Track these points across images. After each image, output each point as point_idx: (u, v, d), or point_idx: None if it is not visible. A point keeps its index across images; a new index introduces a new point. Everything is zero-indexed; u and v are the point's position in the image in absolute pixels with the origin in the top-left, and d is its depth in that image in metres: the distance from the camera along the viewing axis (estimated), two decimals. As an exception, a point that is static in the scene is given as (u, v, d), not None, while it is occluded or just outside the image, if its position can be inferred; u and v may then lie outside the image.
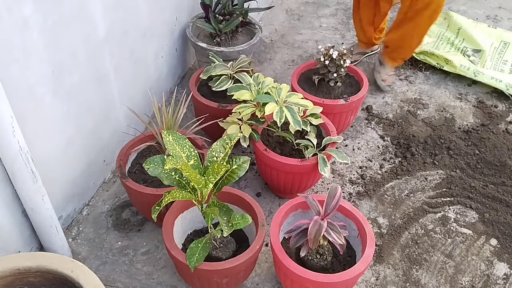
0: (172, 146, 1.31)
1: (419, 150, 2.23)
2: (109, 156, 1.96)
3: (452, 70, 2.69)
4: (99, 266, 1.70)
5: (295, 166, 1.74)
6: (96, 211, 1.89)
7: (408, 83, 2.69)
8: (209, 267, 1.39)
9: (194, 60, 2.67)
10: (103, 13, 1.68)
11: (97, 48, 1.71)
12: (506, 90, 2.57)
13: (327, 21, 3.24)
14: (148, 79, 2.17)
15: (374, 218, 1.93)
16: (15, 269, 1.23)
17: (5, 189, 1.44)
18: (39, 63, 1.43)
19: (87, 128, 1.78)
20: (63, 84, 1.57)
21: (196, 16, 2.45)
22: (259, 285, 1.68)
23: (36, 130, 1.50)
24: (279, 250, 1.45)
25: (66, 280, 1.22)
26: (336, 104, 2.04)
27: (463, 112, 2.50)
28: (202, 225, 1.67)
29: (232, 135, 1.36)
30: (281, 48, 2.94)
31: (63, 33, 1.51)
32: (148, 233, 1.82)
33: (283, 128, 1.85)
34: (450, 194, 2.04)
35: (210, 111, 1.95)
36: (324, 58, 2.07)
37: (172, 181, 1.33)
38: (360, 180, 2.09)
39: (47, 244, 1.62)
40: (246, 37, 2.48)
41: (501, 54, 2.80)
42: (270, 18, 3.22)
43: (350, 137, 2.32)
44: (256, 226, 1.51)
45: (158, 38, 2.18)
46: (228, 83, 1.94)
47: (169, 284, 1.67)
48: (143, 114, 2.02)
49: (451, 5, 3.42)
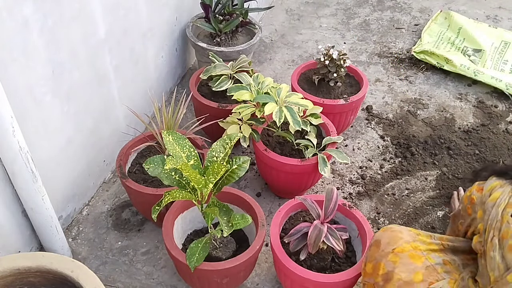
0: (172, 146, 1.31)
1: (419, 150, 2.23)
2: (109, 156, 1.96)
3: (452, 69, 2.69)
4: (99, 266, 1.70)
5: (295, 166, 1.74)
6: (96, 211, 1.89)
7: (408, 83, 2.69)
8: (209, 267, 1.39)
9: (194, 60, 2.67)
10: (103, 13, 1.68)
11: (97, 48, 1.71)
12: (506, 90, 2.57)
13: (327, 21, 3.24)
14: (148, 79, 2.17)
15: (374, 218, 1.93)
16: (15, 269, 1.23)
17: (5, 189, 1.44)
18: (39, 63, 1.43)
19: (87, 128, 1.78)
20: (63, 84, 1.57)
21: (196, 16, 2.45)
22: (259, 285, 1.68)
23: (36, 130, 1.50)
24: (279, 250, 1.45)
25: (66, 280, 1.22)
26: (336, 104, 2.04)
27: (463, 112, 2.50)
28: (202, 225, 1.67)
29: (232, 135, 1.36)
30: (281, 48, 2.94)
31: (63, 33, 1.51)
32: (148, 233, 1.82)
33: (283, 128, 1.85)
34: (450, 194, 2.04)
35: (210, 111, 1.95)
36: (324, 58, 2.07)
37: (172, 181, 1.33)
38: (360, 180, 2.09)
39: (47, 244, 1.62)
40: (246, 37, 2.49)
41: (501, 54, 2.80)
42: (270, 18, 3.22)
43: (350, 137, 2.32)
44: (256, 226, 1.51)
45: (158, 38, 2.18)
46: (228, 83, 1.94)
47: (169, 284, 1.67)
48: (143, 114, 2.02)
49: (451, 5, 3.43)
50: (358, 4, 3.44)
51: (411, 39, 3.07)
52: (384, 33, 3.13)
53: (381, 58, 2.89)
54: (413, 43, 3.01)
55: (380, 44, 3.02)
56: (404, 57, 2.89)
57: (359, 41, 3.04)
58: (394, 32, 3.14)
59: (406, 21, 3.27)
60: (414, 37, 3.08)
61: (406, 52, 2.93)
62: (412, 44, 3.00)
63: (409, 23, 3.24)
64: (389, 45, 3.01)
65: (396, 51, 2.94)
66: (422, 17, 3.31)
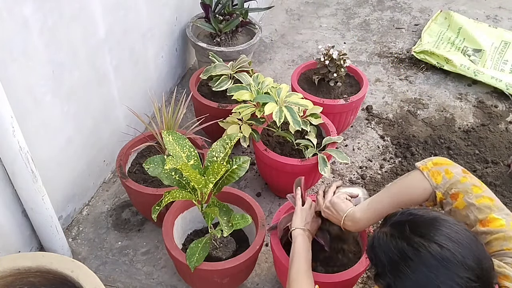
0: (172, 146, 1.31)
1: (419, 150, 2.23)
2: (109, 156, 1.96)
3: (452, 69, 2.69)
4: (99, 266, 1.70)
5: (295, 166, 1.74)
6: (96, 211, 1.89)
7: (408, 83, 2.69)
8: (209, 267, 1.39)
9: (194, 60, 2.67)
10: (103, 13, 1.68)
11: (97, 48, 1.71)
12: (506, 89, 2.57)
13: (327, 21, 3.24)
14: (148, 79, 2.17)
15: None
16: (15, 269, 1.23)
17: (5, 189, 1.44)
18: (39, 63, 1.43)
19: (87, 128, 1.78)
20: (63, 84, 1.57)
21: (196, 16, 2.45)
22: (259, 285, 1.68)
23: (36, 130, 1.50)
24: (279, 250, 1.45)
25: (66, 280, 1.22)
26: (336, 104, 2.04)
27: (463, 112, 2.50)
28: (202, 225, 1.67)
29: (232, 135, 1.36)
30: (281, 48, 2.93)
31: (63, 33, 1.51)
32: (148, 233, 1.82)
33: (283, 128, 1.85)
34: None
35: (210, 111, 1.95)
36: (324, 58, 2.06)
37: (172, 181, 1.33)
38: (360, 180, 2.09)
39: (47, 244, 1.62)
40: (246, 37, 2.48)
41: (501, 54, 2.80)
42: (270, 18, 3.22)
43: (350, 137, 2.31)
44: (256, 226, 1.51)
45: (158, 38, 2.18)
46: (228, 83, 1.94)
47: (169, 284, 1.67)
48: (143, 114, 2.02)
49: (451, 5, 3.42)
50: (358, 4, 3.44)
51: (411, 39, 3.07)
52: (384, 33, 3.13)
53: (381, 58, 2.88)
54: (413, 43, 3.01)
55: (380, 44, 3.02)
56: (404, 57, 2.89)
57: (359, 41, 3.04)
58: (394, 32, 3.14)
59: (406, 21, 3.27)
60: (414, 37, 3.08)
61: (406, 52, 2.93)
62: (412, 44, 3.00)
63: (409, 23, 3.24)
64: (389, 45, 3.01)
65: (396, 51, 2.94)
66: (422, 17, 3.31)
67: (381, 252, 0.94)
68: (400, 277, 0.89)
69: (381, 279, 0.94)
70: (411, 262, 0.88)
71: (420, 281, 0.87)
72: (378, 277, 0.95)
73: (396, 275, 0.90)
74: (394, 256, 0.91)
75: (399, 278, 0.89)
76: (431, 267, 0.86)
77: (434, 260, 0.86)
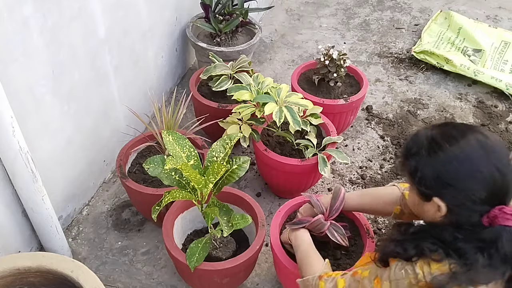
0: (172, 146, 1.31)
1: (419, 150, 2.23)
2: (109, 156, 1.96)
3: (452, 69, 2.69)
4: (99, 266, 1.70)
5: (295, 166, 1.74)
6: (96, 211, 1.89)
7: (408, 83, 2.69)
8: (209, 267, 1.39)
9: (194, 60, 2.67)
10: (103, 13, 1.68)
11: (97, 48, 1.71)
12: (506, 89, 2.57)
13: (327, 21, 3.24)
14: (148, 79, 2.17)
15: (374, 218, 1.93)
16: (15, 269, 1.23)
17: (5, 189, 1.44)
18: (39, 63, 1.43)
19: (87, 128, 1.78)
20: (63, 84, 1.57)
21: (196, 16, 2.45)
22: (259, 285, 1.68)
23: (36, 130, 1.50)
24: (279, 250, 1.45)
25: (66, 280, 1.22)
26: (336, 104, 2.04)
27: (463, 112, 2.50)
28: (202, 225, 1.67)
29: (232, 135, 1.36)
30: (281, 48, 2.93)
31: (63, 33, 1.51)
32: (148, 233, 1.82)
33: (283, 128, 1.85)
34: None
35: (210, 111, 1.95)
36: (324, 58, 2.06)
37: (172, 181, 1.33)
38: (360, 180, 2.09)
39: (47, 244, 1.62)
40: (246, 37, 2.48)
41: (501, 54, 2.80)
42: (270, 18, 3.22)
43: (350, 137, 2.32)
44: (256, 226, 1.51)
45: (158, 38, 2.18)
46: (228, 83, 1.94)
47: (169, 284, 1.67)
48: (143, 114, 2.02)
49: (451, 5, 3.42)
50: (358, 4, 3.44)
51: (411, 39, 3.07)
52: (384, 33, 3.13)
53: (381, 58, 2.89)
54: (413, 43, 3.01)
55: (380, 44, 3.02)
56: (404, 57, 2.89)
57: (359, 41, 3.04)
58: (394, 32, 3.14)
59: (406, 21, 3.27)
60: (414, 37, 3.08)
61: (406, 52, 2.93)
62: (412, 44, 3.00)
63: (409, 23, 3.24)
64: (389, 45, 3.01)
65: (396, 51, 2.94)
66: (422, 17, 3.31)
67: (422, 136, 1.02)
68: (436, 153, 0.98)
69: (410, 159, 1.02)
70: (454, 140, 0.97)
71: (461, 155, 0.96)
72: (407, 160, 1.03)
73: (432, 152, 0.98)
74: (436, 136, 1.00)
75: (435, 154, 0.98)
76: (473, 148, 0.96)
77: (477, 144, 0.96)
